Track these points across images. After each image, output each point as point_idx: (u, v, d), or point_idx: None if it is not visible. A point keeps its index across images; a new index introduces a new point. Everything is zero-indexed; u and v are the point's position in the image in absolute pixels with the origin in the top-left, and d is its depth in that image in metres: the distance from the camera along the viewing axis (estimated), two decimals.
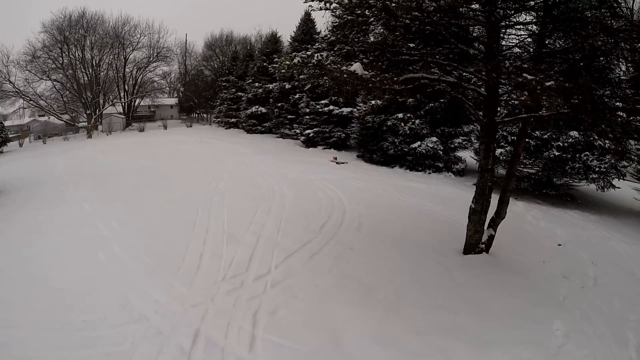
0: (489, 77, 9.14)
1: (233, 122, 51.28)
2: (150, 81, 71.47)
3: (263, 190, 17.16)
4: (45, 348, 7.17)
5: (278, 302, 8.41)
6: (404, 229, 12.77)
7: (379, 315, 7.98)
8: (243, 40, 74.05)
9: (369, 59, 10.44)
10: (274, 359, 6.77)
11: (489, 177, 10.35)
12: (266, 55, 44.30)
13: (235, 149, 31.77)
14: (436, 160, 23.60)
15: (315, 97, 32.22)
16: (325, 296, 8.65)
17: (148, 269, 10.10)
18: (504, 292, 9.14)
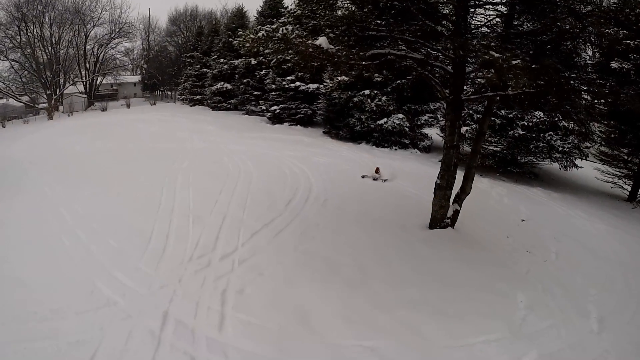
0: (456, 54, 9.14)
1: (198, 99, 50.80)
2: (112, 58, 69.73)
3: (228, 169, 17.04)
4: (13, 341, 6.96)
5: (245, 280, 8.43)
6: (369, 205, 12.83)
7: (344, 291, 8.05)
8: (208, 15, 73.24)
9: (335, 34, 10.31)
10: (244, 337, 6.79)
11: (455, 153, 10.43)
12: (232, 31, 43.39)
13: (200, 127, 31.32)
14: (402, 137, 23.66)
15: (281, 73, 31.84)
16: (291, 273, 8.69)
17: (114, 253, 9.92)
18: (469, 266, 9.28)
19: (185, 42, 69.66)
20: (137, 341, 6.72)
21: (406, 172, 17.20)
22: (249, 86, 39.20)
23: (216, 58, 45.84)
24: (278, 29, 9.04)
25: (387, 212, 12.21)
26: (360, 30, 10.04)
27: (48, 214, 13.02)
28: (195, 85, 51.43)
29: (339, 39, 10.19)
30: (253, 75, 38.61)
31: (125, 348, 6.59)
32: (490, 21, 10.22)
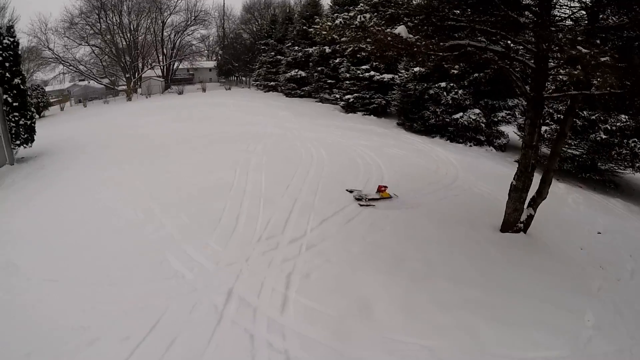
0: (539, 48, 8.65)
1: (272, 86, 51.46)
2: (189, 44, 72.15)
3: (301, 154, 17.16)
4: (82, 302, 7.50)
5: (311, 265, 8.49)
6: (440, 201, 12.58)
7: (408, 284, 7.93)
8: (282, 3, 73.67)
9: (413, 23, 10.08)
10: (304, 321, 6.86)
11: (533, 154, 9.89)
12: (306, 19, 43.78)
13: (274, 112, 31.73)
14: (478, 133, 22.81)
15: (356, 62, 31.52)
16: (357, 262, 8.65)
17: (185, 229, 10.36)
18: (537, 275, 8.81)
19: (259, 29, 70.33)
20: (200, 314, 7.00)
21: (480, 170, 16.69)
22: (323, 74, 39.14)
23: (290, 45, 46.06)
24: (356, 17, 8.97)
25: (458, 209, 11.87)
26: (439, 19, 9.77)
27: (125, 187, 13.87)
28: (269, 71, 52.12)
29: (417, 28, 9.91)
30: (327, 63, 38.51)
31: (188, 319, 6.88)
32: (575, 13, 9.48)
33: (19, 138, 20.01)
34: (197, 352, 6.21)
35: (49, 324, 6.98)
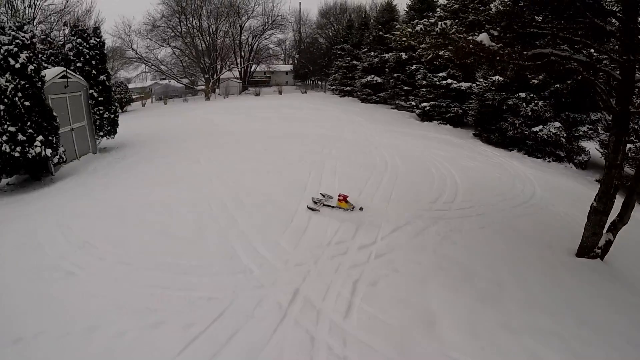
0: (625, 57, 8.09)
1: (347, 91, 51.57)
2: (266, 48, 73.71)
3: (375, 161, 17.10)
4: (153, 286, 7.94)
5: (379, 274, 8.40)
6: (515, 218, 12.04)
7: (475, 303, 7.63)
8: (357, 8, 73.71)
9: (495, 30, 9.80)
10: (367, 329, 6.77)
11: (617, 174, 9.18)
12: (382, 24, 43.69)
13: (349, 117, 31.82)
14: (557, 148, 21.66)
15: (432, 69, 31.06)
16: (425, 275, 8.45)
17: (257, 226, 10.61)
18: (612, 307, 8.08)
19: (335, 34, 70.78)
20: (265, 310, 7.14)
21: (558, 188, 15.89)
22: (399, 80, 38.87)
23: (366, 51, 45.91)
24: (436, 23, 8.81)
25: (533, 229, 11.30)
26: (521, 26, 9.45)
27: (200, 181, 14.45)
28: (345, 76, 52.23)
29: (499, 35, 9.71)
30: (403, 69, 38.15)
31: (252, 314, 7.04)
32: None
33: (102, 130, 21.42)
34: (257, 346, 6.33)
35: (116, 303, 7.45)
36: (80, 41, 20.98)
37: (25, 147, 14.18)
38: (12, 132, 13.97)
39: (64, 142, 16.79)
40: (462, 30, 9.00)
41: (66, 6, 48.57)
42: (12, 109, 13.96)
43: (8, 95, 13.86)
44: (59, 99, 17.91)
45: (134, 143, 23.13)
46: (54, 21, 46.74)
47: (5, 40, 14.03)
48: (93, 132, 20.78)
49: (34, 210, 12.83)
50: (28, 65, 14.47)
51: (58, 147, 15.58)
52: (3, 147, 13.83)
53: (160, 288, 7.86)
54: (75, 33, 21.18)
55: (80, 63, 20.82)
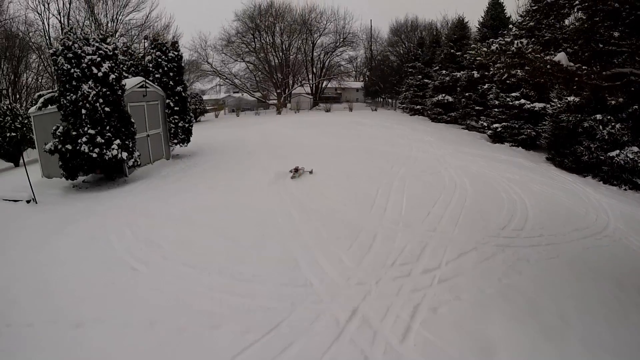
0: None
1: (418, 109, 50.93)
2: (337, 65, 74.68)
3: (444, 182, 16.82)
4: (213, 289, 8.19)
5: (441, 299, 8.16)
6: (586, 250, 11.34)
7: (537, 337, 7.22)
8: (428, 26, 73.00)
9: (572, 49, 9.47)
10: (422, 355, 6.59)
11: None
12: (453, 42, 43.02)
13: (418, 136, 31.44)
14: (634, 175, 19.83)
15: (505, 89, 30.06)
16: (488, 304, 8.12)
17: (322, 239, 10.64)
18: None
19: (406, 52, 70.50)
20: (322, 325, 7.08)
21: (635, 219, 14.81)
22: (471, 100, 37.84)
23: (438, 69, 45.13)
24: (513, 42, 8.55)
25: (605, 262, 10.60)
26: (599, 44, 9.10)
27: (268, 192, 14.80)
28: (416, 95, 51.76)
29: (576, 54, 9.39)
30: (475, 88, 37.06)
31: (309, 327, 7.00)
32: None
33: (176, 137, 22.37)
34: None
35: (176, 301, 7.72)
36: (159, 54, 22.00)
37: (103, 149, 15.10)
38: (92, 134, 14.91)
39: (139, 147, 17.74)
40: (538, 50, 8.68)
41: (146, 21, 51.71)
42: (93, 113, 14.87)
43: (90, 100, 14.75)
44: (138, 107, 18.85)
45: (206, 152, 24.00)
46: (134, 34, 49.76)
47: (89, 50, 14.92)
48: (167, 139, 21.68)
49: (107, 207, 13.67)
50: (110, 74, 15.36)
51: (134, 151, 16.45)
52: (82, 147, 14.79)
53: (220, 292, 8.05)
54: (155, 46, 22.26)
55: (158, 74, 21.80)
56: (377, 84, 71.95)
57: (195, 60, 67.11)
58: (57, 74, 15.54)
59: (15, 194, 15.14)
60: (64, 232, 11.48)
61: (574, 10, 9.11)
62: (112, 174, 16.69)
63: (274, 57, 68.73)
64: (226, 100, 76.08)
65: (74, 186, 16.56)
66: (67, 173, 15.44)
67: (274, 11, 67.28)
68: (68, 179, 15.69)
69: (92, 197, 15.07)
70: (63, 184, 16.74)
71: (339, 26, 72.67)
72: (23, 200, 14.70)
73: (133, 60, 24.69)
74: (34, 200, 14.65)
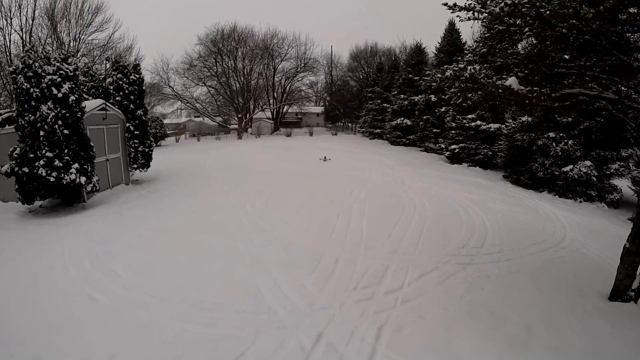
0: None
1: (377, 133, 51.89)
2: (298, 90, 75.41)
3: (404, 204, 17.07)
4: (175, 319, 8.00)
5: (405, 319, 8.20)
6: (546, 261, 11.74)
7: (504, 350, 7.36)
8: (387, 51, 74.72)
9: (523, 73, 9.84)
10: None
11: None
12: (411, 67, 44.22)
13: (378, 159, 32.00)
14: (588, 188, 20.97)
15: (461, 111, 31.02)
16: (452, 322, 8.21)
17: (283, 265, 10.61)
18: None
19: (366, 77, 71.87)
20: (287, 352, 7.01)
21: (590, 229, 15.37)
22: (429, 123, 38.78)
23: (396, 94, 46.26)
24: (466, 68, 8.80)
25: (565, 272, 10.99)
26: (549, 67, 9.47)
27: (228, 218, 14.79)
28: (375, 119, 52.77)
29: (527, 78, 9.73)
30: (433, 112, 38.23)
31: (274, 355, 6.93)
32: None
33: (136, 162, 22.10)
34: None
35: (136, 333, 7.54)
36: (120, 76, 21.84)
37: (61, 173, 14.80)
38: (50, 157, 14.62)
39: (98, 172, 17.43)
40: (491, 74, 8.98)
41: (109, 41, 50.97)
42: (51, 135, 14.62)
43: (49, 122, 14.53)
44: (97, 130, 18.60)
45: (166, 177, 23.76)
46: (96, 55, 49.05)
47: (50, 70, 14.73)
48: (127, 164, 21.42)
49: (64, 233, 13.31)
50: (70, 96, 15.17)
51: (92, 175, 16.17)
52: (40, 171, 14.48)
53: (182, 322, 7.90)
54: (117, 68, 22.10)
55: (119, 97, 21.62)
56: (337, 108, 72.82)
57: (156, 84, 66.64)
58: (16, 92, 15.28)
59: None
60: (19, 260, 11.16)
61: (524, 36, 9.49)
62: (70, 199, 16.25)
63: (235, 81, 68.87)
64: (187, 125, 75.76)
65: (31, 211, 16.08)
66: (23, 197, 15.03)
67: (236, 36, 67.56)
68: (24, 203, 15.26)
69: (49, 222, 14.68)
70: (19, 208, 16.25)
71: (300, 52, 73.44)
72: None
73: (94, 82, 24.48)
74: None
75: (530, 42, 9.73)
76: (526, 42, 9.82)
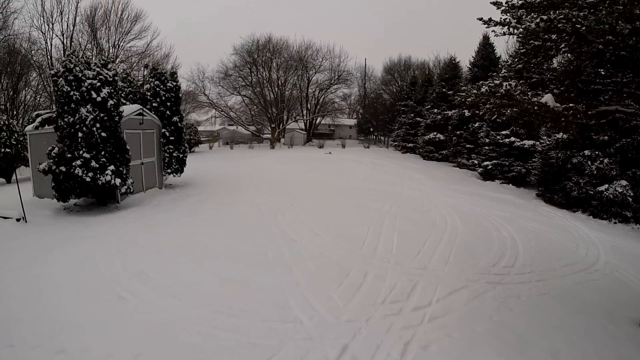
0: None
1: (410, 147, 51.71)
2: (331, 102, 76.05)
3: (435, 220, 16.85)
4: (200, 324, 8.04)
5: (432, 337, 8.05)
6: (577, 284, 11.43)
7: None
8: (421, 65, 74.66)
9: (559, 89, 9.71)
10: None
11: None
12: (445, 81, 44.01)
13: (410, 174, 31.78)
14: (624, 209, 20.29)
15: (495, 127, 30.75)
16: (479, 342, 8.04)
17: (312, 277, 10.55)
18: None
19: (399, 90, 71.94)
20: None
21: (625, 252, 14.95)
22: (462, 138, 38.54)
23: (429, 108, 46.10)
24: (502, 85, 8.74)
25: (596, 296, 10.69)
26: (585, 83, 9.34)
27: (259, 227, 14.79)
28: (408, 133, 52.63)
29: (563, 95, 9.62)
30: (466, 127, 37.95)
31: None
32: None
33: (170, 167, 22.49)
34: None
35: (162, 334, 7.62)
36: (158, 83, 22.27)
37: (96, 173, 15.20)
38: (87, 158, 15.03)
39: (133, 174, 17.84)
40: (526, 91, 8.89)
41: (147, 49, 52.61)
42: (89, 137, 15.02)
43: (87, 124, 14.92)
44: (133, 134, 19.01)
45: (199, 183, 24.12)
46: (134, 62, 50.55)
47: (90, 74, 15.16)
48: (161, 169, 21.77)
49: (97, 232, 13.65)
50: (108, 100, 15.56)
51: (127, 178, 16.55)
52: (76, 170, 14.89)
53: (208, 326, 7.93)
54: (154, 75, 22.54)
55: (156, 103, 22.04)
56: (370, 121, 72.85)
57: (192, 91, 68.19)
58: (56, 94, 15.75)
59: (5, 210, 15.16)
60: (52, 256, 11.44)
61: (560, 52, 9.38)
62: (105, 199, 16.73)
63: (269, 91, 69.78)
64: (221, 132, 77.03)
65: (65, 208, 16.57)
66: (59, 194, 15.48)
67: (271, 47, 68.55)
68: (60, 200, 15.71)
69: (82, 221, 15.07)
70: (54, 205, 16.77)
71: (334, 64, 74.06)
72: (13, 217, 14.71)
73: (132, 88, 25.00)
74: (24, 219, 14.65)
75: (566, 57, 9.64)
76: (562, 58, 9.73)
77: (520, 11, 9.00)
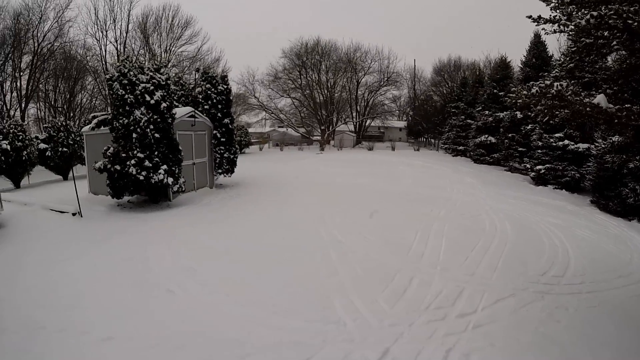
0: None
1: (460, 150, 50.82)
2: (381, 104, 75.71)
3: (484, 226, 16.52)
4: (245, 320, 8.24)
5: (474, 345, 7.90)
6: (629, 297, 10.88)
7: None
8: (471, 65, 73.20)
9: (612, 89, 9.44)
10: None
11: None
12: (496, 82, 43.09)
13: (460, 178, 31.24)
14: None
15: (548, 130, 29.56)
16: (522, 354, 7.80)
17: (357, 280, 10.57)
18: None
19: (449, 92, 70.90)
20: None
21: None
22: (514, 141, 37.41)
23: (480, 110, 45.06)
24: (552, 85, 8.55)
25: None
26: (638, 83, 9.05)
27: (307, 228, 15.04)
28: (458, 135, 51.74)
29: (616, 95, 9.36)
30: (518, 129, 36.73)
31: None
32: None
33: (221, 167, 23.18)
34: None
35: (208, 327, 7.86)
36: (209, 86, 22.87)
37: (150, 172, 15.89)
38: (140, 158, 15.73)
39: (185, 174, 18.52)
40: (578, 92, 8.67)
41: (197, 54, 54.47)
42: (143, 138, 15.70)
43: (141, 126, 15.55)
44: (186, 135, 19.61)
45: (249, 183, 24.65)
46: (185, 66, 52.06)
47: (143, 78, 15.80)
48: (212, 169, 22.32)
49: (148, 228, 14.24)
50: (161, 103, 16.18)
51: (179, 177, 17.19)
52: (130, 169, 15.60)
53: (252, 323, 8.08)
54: (205, 79, 23.18)
55: (207, 106, 22.65)
56: (420, 123, 72.09)
57: (242, 94, 69.51)
58: (111, 98, 16.56)
59: (62, 205, 16.20)
60: (104, 249, 12.02)
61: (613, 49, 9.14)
62: (157, 197, 17.40)
63: (319, 94, 70.31)
64: (271, 134, 78.03)
65: (119, 205, 17.39)
66: (113, 192, 16.23)
67: (320, 49, 69.11)
68: (114, 197, 16.47)
69: (135, 217, 15.74)
70: (108, 202, 17.60)
71: (383, 65, 73.72)
72: (69, 212, 15.64)
73: (184, 91, 25.71)
74: (80, 214, 15.51)
75: (620, 55, 9.39)
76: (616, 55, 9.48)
77: (570, 7, 8.81)
